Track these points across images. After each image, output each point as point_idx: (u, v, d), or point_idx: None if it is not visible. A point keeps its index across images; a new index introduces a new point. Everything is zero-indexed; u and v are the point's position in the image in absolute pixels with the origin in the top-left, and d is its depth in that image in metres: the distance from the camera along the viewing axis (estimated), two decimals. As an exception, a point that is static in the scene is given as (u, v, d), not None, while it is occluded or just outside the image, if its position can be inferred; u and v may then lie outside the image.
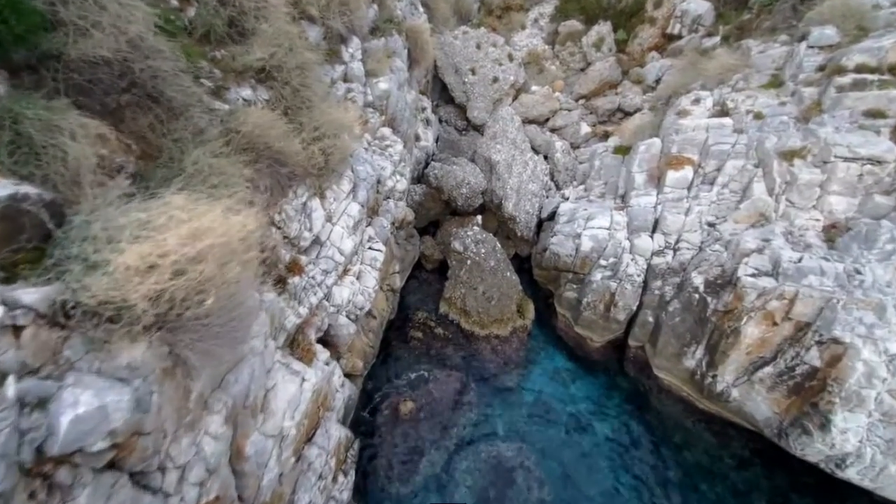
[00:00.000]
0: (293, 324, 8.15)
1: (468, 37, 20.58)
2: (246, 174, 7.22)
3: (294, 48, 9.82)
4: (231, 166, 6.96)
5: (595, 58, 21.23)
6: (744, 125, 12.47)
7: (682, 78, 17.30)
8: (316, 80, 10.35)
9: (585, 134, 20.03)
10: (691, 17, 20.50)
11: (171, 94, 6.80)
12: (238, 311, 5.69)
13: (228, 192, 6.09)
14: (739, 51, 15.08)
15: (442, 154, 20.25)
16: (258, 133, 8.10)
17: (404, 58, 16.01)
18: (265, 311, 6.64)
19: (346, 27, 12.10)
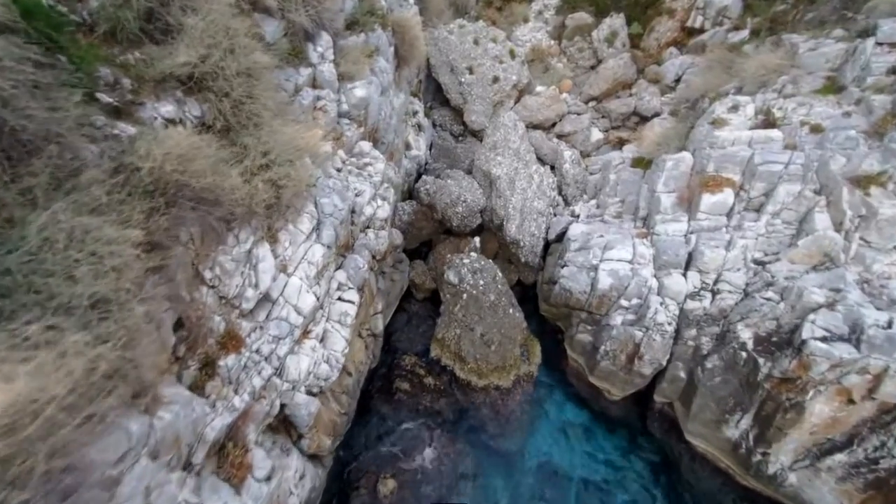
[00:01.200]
0: (222, 427, 6.00)
1: (465, 31, 18.29)
2: (137, 236, 5.04)
3: (237, 48, 7.60)
4: (112, 227, 4.80)
5: (607, 54, 18.95)
6: (798, 140, 10.26)
7: (710, 78, 15.06)
8: (269, 88, 8.14)
9: (597, 141, 17.80)
10: (716, 9, 18.19)
11: (19, 119, 4.61)
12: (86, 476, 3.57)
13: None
14: (782, 49, 12.82)
15: (436, 164, 18.05)
16: (173, 167, 5.92)
17: (390, 56, 13.76)
18: (149, 444, 4.48)
19: (312, 21, 9.87)
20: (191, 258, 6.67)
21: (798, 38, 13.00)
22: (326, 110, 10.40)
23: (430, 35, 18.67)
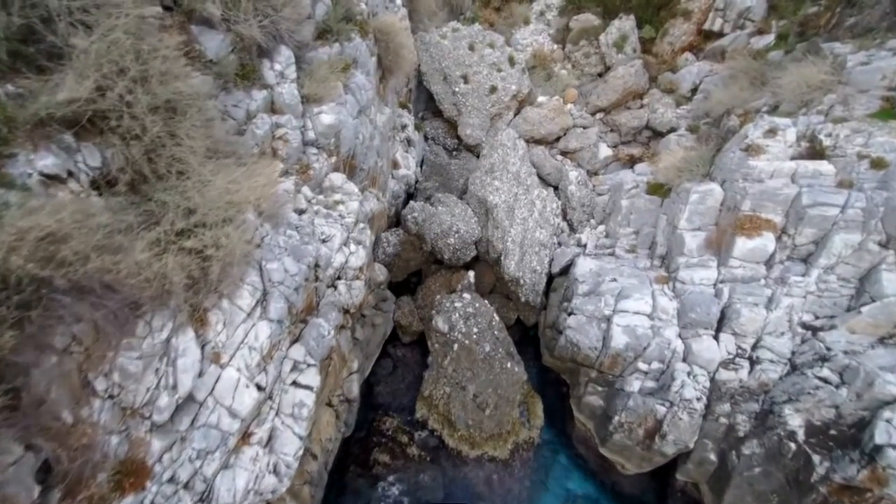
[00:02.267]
0: None
1: (459, 36, 16.49)
2: None
3: (153, 75, 5.86)
4: None
5: (616, 60, 17.16)
6: (855, 177, 8.52)
7: (735, 92, 13.29)
8: (200, 122, 6.40)
9: (605, 158, 16.05)
10: (737, 11, 16.41)
11: None
12: None
13: None
14: (823, 60, 11.04)
15: (427, 182, 16.30)
16: (27, 256, 4.21)
17: (371, 67, 11.99)
18: None
19: (268, 34, 8.10)
20: (77, 364, 4.98)
21: (842, 47, 11.22)
22: (288, 139, 8.66)
23: (420, 40, 16.88)
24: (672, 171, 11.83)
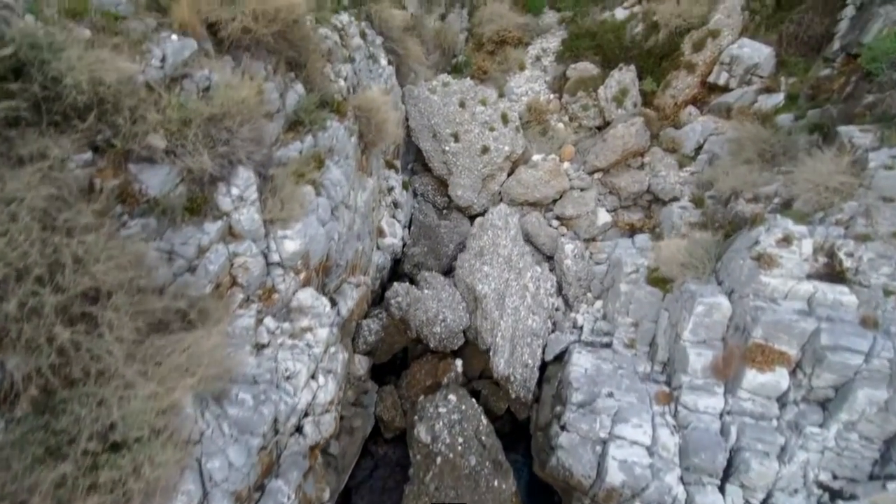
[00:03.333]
0: None
1: (449, 91, 15.55)
2: None
3: (63, 263, 4.97)
4: None
5: (616, 116, 16.23)
6: (880, 315, 7.64)
7: (742, 171, 12.36)
8: (130, 303, 5.51)
9: (604, 224, 15.15)
10: (744, 66, 15.47)
11: None
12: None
13: None
14: (842, 153, 10.13)
15: (415, 248, 15.41)
16: None
17: (351, 149, 11.08)
18: None
19: (223, 161, 7.18)
20: None
21: (861, 136, 10.32)
22: (248, 267, 7.77)
23: (408, 94, 15.99)
24: (675, 266, 10.93)
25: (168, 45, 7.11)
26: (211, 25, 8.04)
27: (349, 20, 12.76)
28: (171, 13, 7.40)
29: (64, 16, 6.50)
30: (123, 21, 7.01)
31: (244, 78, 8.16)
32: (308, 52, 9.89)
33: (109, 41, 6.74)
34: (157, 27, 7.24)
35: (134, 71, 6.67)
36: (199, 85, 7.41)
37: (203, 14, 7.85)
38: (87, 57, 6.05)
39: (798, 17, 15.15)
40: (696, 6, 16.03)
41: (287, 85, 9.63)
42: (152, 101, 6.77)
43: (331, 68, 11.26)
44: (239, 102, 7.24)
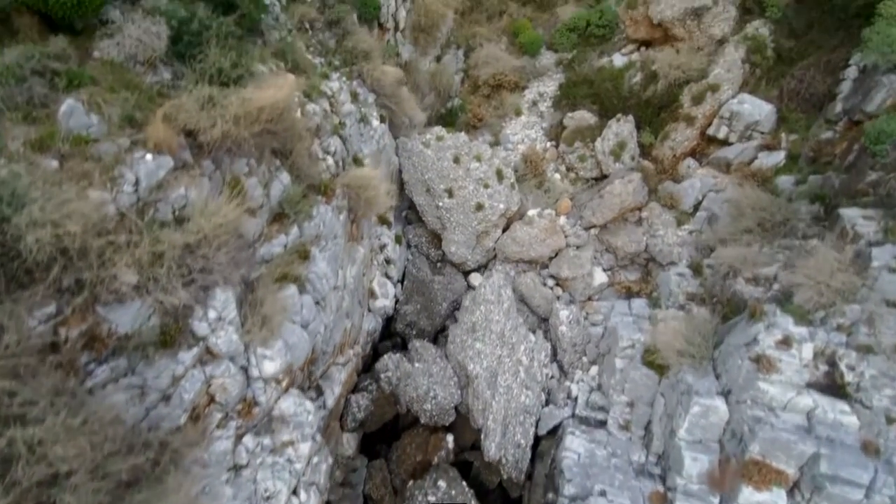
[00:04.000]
0: None
1: (443, 146, 15.24)
2: None
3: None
4: None
5: (613, 169, 15.92)
6: (882, 443, 7.36)
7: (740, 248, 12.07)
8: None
9: (600, 285, 14.86)
10: (744, 122, 15.17)
11: None
12: None
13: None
14: (842, 246, 9.85)
15: (407, 306, 15.13)
16: None
17: (340, 228, 10.80)
18: None
19: (199, 289, 6.89)
20: None
21: (865, 225, 10.04)
22: (226, 388, 7.48)
23: (401, 146, 15.70)
24: (671, 353, 10.64)
25: (141, 167, 6.80)
26: (190, 132, 7.73)
27: (340, 86, 12.44)
28: (146, 129, 7.08)
29: (30, 149, 6.20)
30: (95, 144, 6.70)
31: (224, 188, 7.88)
32: (294, 139, 9.59)
33: (80, 168, 6.44)
34: (131, 146, 6.93)
35: (104, 201, 6.39)
36: (175, 205, 7.11)
37: (181, 123, 7.54)
38: (54, 199, 5.76)
39: (799, 74, 14.84)
40: (695, 59, 15.72)
41: (272, 174, 9.33)
42: (124, 230, 6.47)
43: (318, 144, 10.96)
44: (217, 226, 6.94)
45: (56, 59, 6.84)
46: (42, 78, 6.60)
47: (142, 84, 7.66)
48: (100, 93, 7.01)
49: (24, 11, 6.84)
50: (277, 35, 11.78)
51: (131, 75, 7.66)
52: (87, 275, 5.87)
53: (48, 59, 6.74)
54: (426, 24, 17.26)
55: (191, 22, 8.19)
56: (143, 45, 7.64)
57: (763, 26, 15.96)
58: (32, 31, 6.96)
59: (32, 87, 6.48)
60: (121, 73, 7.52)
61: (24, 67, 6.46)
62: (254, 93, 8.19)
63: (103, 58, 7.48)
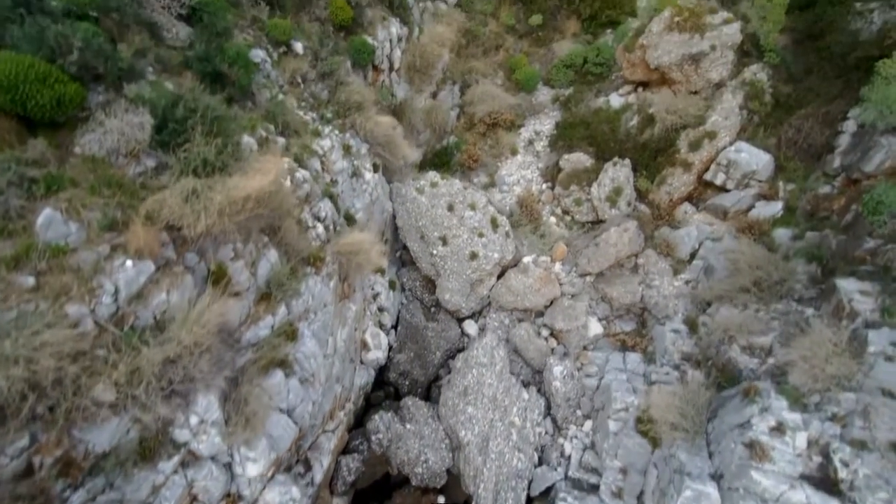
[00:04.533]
0: None
1: (437, 193, 15.10)
2: None
3: None
4: None
5: (609, 215, 15.77)
6: (875, 552, 7.23)
7: (733, 313, 11.93)
8: None
9: (595, 335, 14.70)
10: (741, 171, 15.02)
11: None
12: None
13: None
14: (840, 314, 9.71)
15: (400, 354, 15.00)
16: None
17: (330, 295, 10.66)
18: None
19: (178, 401, 6.75)
20: None
21: (860, 298, 9.89)
22: (209, 490, 7.34)
23: (395, 192, 15.57)
24: (664, 425, 10.51)
25: (121, 276, 6.67)
26: (172, 226, 7.59)
27: (332, 144, 12.29)
28: (127, 232, 6.94)
29: (5, 268, 6.05)
30: (73, 253, 6.56)
31: (209, 279, 7.75)
32: (283, 216, 9.45)
33: (58, 282, 6.31)
34: (111, 253, 6.79)
35: (82, 315, 6.26)
36: (156, 311, 6.97)
37: (164, 219, 7.40)
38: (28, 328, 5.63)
39: (797, 123, 14.69)
40: (692, 104, 15.55)
41: (259, 253, 9.19)
42: (102, 346, 6.34)
43: (308, 211, 10.82)
44: (198, 333, 6.80)
45: (34, 165, 6.70)
46: (20, 188, 6.45)
47: (124, 179, 7.51)
48: (79, 196, 6.88)
49: (3, 116, 6.67)
50: (268, 94, 11.65)
51: (113, 170, 7.51)
52: (63, 403, 5.74)
53: (26, 167, 6.60)
54: (421, 64, 17.09)
55: (175, 107, 8.03)
56: (125, 137, 7.49)
57: (761, 71, 15.79)
58: (11, 134, 6.80)
59: (9, 200, 6.34)
60: (102, 169, 7.38)
61: (0, 180, 6.31)
62: (239, 181, 8.04)
63: (84, 154, 7.32)
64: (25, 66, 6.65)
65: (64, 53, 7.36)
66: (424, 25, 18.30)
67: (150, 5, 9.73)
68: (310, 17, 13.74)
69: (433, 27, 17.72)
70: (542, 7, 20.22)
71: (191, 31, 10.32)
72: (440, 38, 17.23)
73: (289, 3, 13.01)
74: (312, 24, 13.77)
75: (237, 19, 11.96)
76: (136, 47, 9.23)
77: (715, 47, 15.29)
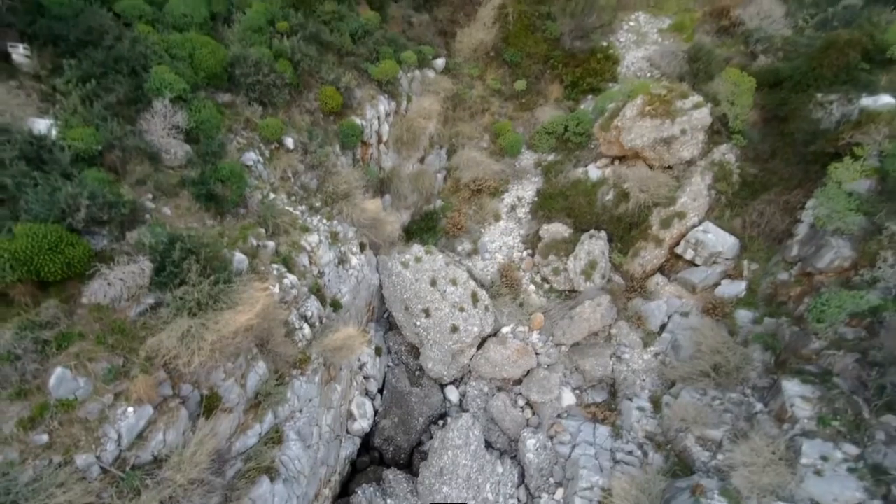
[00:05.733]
0: None
1: (421, 268, 16.00)
2: None
3: None
4: None
5: (584, 288, 16.66)
6: None
7: (692, 400, 12.83)
8: None
9: (569, 406, 15.61)
10: (708, 251, 15.92)
11: None
12: None
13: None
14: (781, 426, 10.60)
15: (385, 420, 15.90)
16: None
17: (314, 392, 11.54)
18: None
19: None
20: None
21: (801, 405, 10.79)
22: None
23: (381, 264, 16.45)
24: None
25: (123, 424, 7.54)
26: (168, 363, 8.48)
27: (319, 239, 13.16)
28: (128, 380, 7.83)
29: (22, 429, 6.94)
30: (82, 405, 7.45)
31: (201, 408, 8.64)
32: (271, 328, 10.33)
33: (68, 434, 7.20)
34: (114, 401, 7.68)
35: (90, 463, 7.15)
36: (154, 450, 7.86)
37: (161, 359, 8.29)
38: (46, 491, 6.53)
39: (760, 207, 15.59)
40: (664, 183, 16.44)
41: (248, 365, 10.06)
42: (107, 489, 7.23)
43: (296, 312, 11.69)
44: (191, 472, 7.69)
45: (47, 327, 7.60)
46: (35, 353, 7.35)
47: (126, 322, 8.39)
48: (87, 349, 7.77)
49: (19, 283, 7.56)
50: (260, 195, 12.52)
51: (116, 314, 8.40)
52: (72, 556, 6.63)
53: (40, 330, 7.50)
54: (408, 137, 17.97)
55: (173, 249, 8.91)
56: (127, 284, 8.38)
57: (730, 151, 16.69)
58: (26, 296, 7.69)
59: (25, 365, 7.23)
60: (107, 316, 8.26)
61: (17, 347, 7.21)
62: (230, 317, 8.93)
63: (90, 304, 8.21)
64: (39, 238, 7.54)
65: (73, 211, 8.25)
66: (413, 94, 19.17)
67: (151, 132, 10.62)
68: (300, 109, 14.62)
69: (420, 100, 18.59)
70: (526, 72, 21.07)
71: (188, 150, 11.19)
72: (426, 112, 18.10)
73: (280, 101, 13.88)
74: (303, 115, 14.66)
75: (231, 123, 12.85)
76: (138, 177, 10.15)
77: (685, 131, 16.18)
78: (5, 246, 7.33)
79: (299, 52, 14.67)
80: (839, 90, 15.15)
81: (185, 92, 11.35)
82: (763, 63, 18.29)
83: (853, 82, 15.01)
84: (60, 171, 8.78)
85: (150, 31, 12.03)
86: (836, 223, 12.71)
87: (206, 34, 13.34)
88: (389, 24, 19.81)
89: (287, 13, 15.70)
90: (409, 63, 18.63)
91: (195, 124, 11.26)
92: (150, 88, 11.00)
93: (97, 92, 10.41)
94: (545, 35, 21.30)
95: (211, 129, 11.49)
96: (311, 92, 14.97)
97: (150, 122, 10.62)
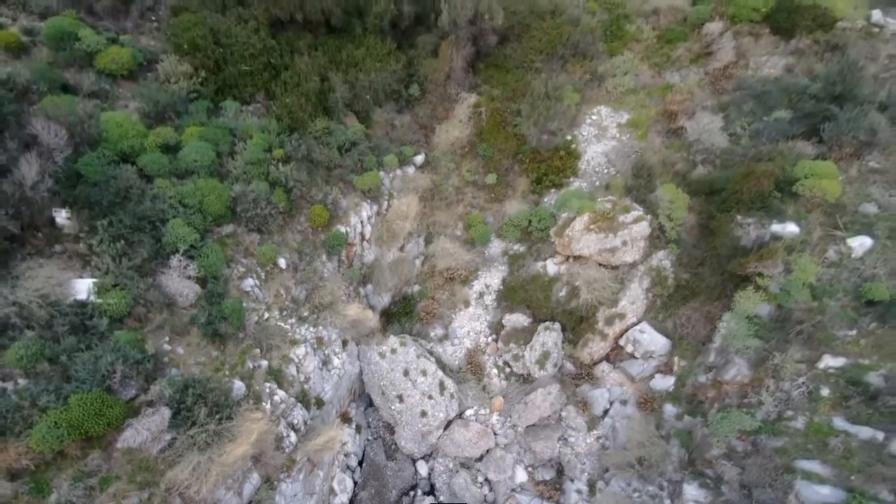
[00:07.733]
0: None
1: (396, 359, 18.47)
2: None
3: None
4: None
5: (538, 376, 19.13)
6: None
7: (624, 477, 15.27)
8: None
9: (521, 483, 18.03)
10: (644, 349, 18.40)
11: None
12: None
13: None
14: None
15: (363, 492, 18.25)
16: None
17: (299, 489, 13.94)
18: None
19: None
20: None
21: (694, 510, 13.20)
22: None
23: (362, 353, 18.89)
24: None
25: (149, 548, 9.97)
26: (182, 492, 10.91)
27: (306, 351, 15.61)
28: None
29: (75, 560, 9.37)
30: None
31: (207, 526, 11.05)
32: (264, 448, 12.76)
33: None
34: (142, 530, 10.10)
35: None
36: (171, 567, 10.28)
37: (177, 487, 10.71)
38: None
39: (687, 314, 18.07)
40: (607, 288, 18.92)
41: (244, 477, 12.49)
42: None
43: (284, 423, 14.11)
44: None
45: (92, 475, 10.03)
46: (84, 497, 9.77)
47: (149, 459, 10.83)
48: (122, 488, 10.20)
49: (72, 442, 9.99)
50: (256, 317, 14.98)
51: (143, 453, 10.84)
52: None
53: (88, 478, 9.93)
54: (388, 236, 20.47)
55: (186, 394, 11.36)
56: (151, 431, 10.83)
57: (666, 258, 19.20)
58: (76, 449, 10.13)
59: (76, 511, 9.66)
60: (136, 456, 10.71)
61: (71, 495, 9.64)
62: (230, 449, 11.37)
63: (123, 448, 10.65)
64: (87, 406, 9.98)
65: (111, 375, 10.70)
66: (394, 191, 21.70)
67: (167, 284, 13.07)
68: (292, 230, 17.12)
69: (400, 200, 21.11)
70: (497, 165, 23.60)
71: (198, 290, 13.65)
72: (404, 213, 20.61)
73: (275, 227, 16.38)
74: (294, 235, 17.17)
75: (233, 253, 15.32)
76: (158, 324, 12.62)
77: (626, 242, 18.71)
78: (63, 416, 9.78)
79: (293, 179, 17.16)
80: (755, 214, 17.66)
81: (196, 241, 13.80)
82: (701, 172, 20.82)
83: (766, 209, 17.52)
84: (98, 336, 11.24)
85: (167, 185, 14.47)
86: (738, 344, 15.17)
87: (213, 173, 15.82)
88: (374, 128, 22.35)
89: (283, 140, 18.18)
90: (392, 166, 21.18)
91: (204, 270, 13.71)
92: (167, 242, 13.45)
93: (125, 250, 12.84)
94: (515, 131, 23.84)
95: (217, 270, 13.94)
96: (302, 214, 17.48)
97: (168, 275, 13.09)
